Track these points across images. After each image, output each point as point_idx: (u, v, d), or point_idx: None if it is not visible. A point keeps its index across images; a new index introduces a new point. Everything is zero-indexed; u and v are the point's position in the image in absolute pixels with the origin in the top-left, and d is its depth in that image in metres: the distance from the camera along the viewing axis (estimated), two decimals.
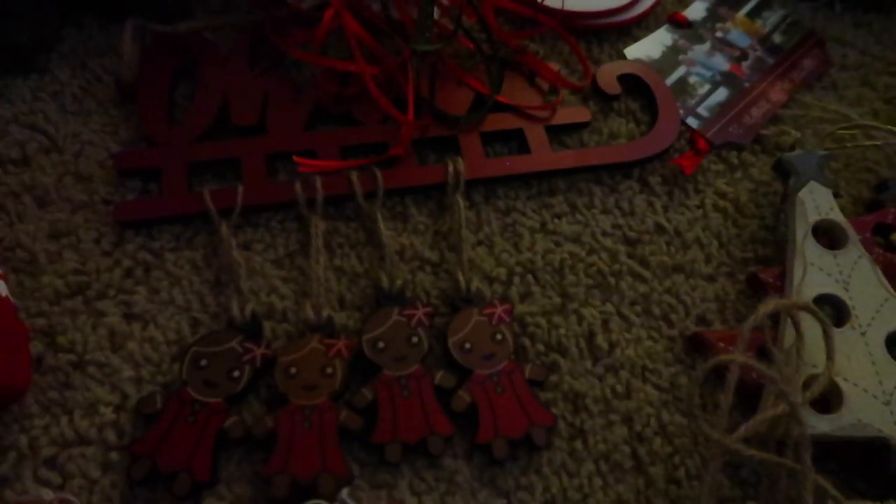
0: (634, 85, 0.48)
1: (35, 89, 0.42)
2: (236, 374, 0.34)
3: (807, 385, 0.35)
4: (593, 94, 0.47)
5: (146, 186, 0.39)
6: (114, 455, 0.32)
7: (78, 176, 0.39)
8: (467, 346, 0.36)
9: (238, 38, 0.44)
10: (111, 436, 0.33)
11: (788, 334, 0.37)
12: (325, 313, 0.36)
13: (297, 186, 0.39)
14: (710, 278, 0.41)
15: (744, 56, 0.51)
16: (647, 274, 0.41)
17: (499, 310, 0.37)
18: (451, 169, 0.41)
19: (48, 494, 0.31)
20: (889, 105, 0.51)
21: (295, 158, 0.39)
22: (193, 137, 0.40)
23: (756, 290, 0.41)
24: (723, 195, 0.45)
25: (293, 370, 0.34)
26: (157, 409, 0.33)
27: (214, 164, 0.40)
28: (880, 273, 0.39)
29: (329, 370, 0.34)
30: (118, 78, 0.42)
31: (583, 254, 0.41)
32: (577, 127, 0.45)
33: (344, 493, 0.31)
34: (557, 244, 0.41)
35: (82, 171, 0.39)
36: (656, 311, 0.40)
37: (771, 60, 0.51)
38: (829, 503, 0.32)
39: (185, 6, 0.45)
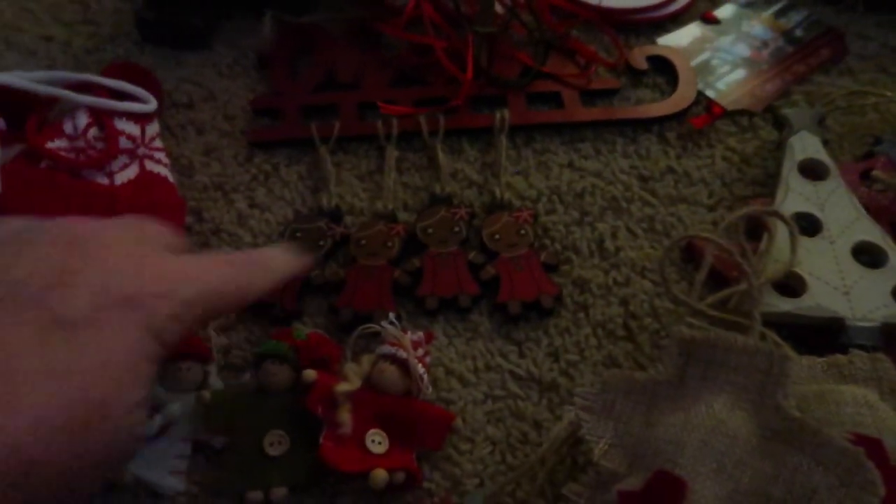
0: (662, 66, 0.58)
1: (201, 60, 0.58)
2: (321, 243, 0.46)
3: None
4: (625, 71, 0.57)
5: (272, 123, 0.54)
6: None
7: (226, 115, 0.54)
8: (497, 236, 0.46)
9: (347, 26, 0.59)
10: None
11: (765, 238, 0.44)
12: (390, 207, 0.48)
13: (379, 124, 0.52)
14: (711, 208, 0.49)
15: (765, 45, 0.60)
16: (654, 201, 0.50)
17: (524, 214, 0.47)
18: (498, 116, 0.52)
19: None
20: None
21: (379, 103, 0.52)
22: (307, 90, 0.54)
23: None
24: (732, 149, 0.53)
25: (363, 242, 0.46)
26: None
27: (321, 108, 0.54)
28: (855, 199, 0.46)
29: (389, 244, 0.46)
30: (258, 52, 0.57)
31: (601, 184, 0.50)
32: (608, 93, 0.56)
33: (391, 316, 0.41)
34: (581, 176, 0.51)
35: (229, 112, 0.54)
36: (659, 227, 0.48)
37: (790, 49, 0.59)
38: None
39: (311, 4, 0.60)
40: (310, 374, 0.38)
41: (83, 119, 0.47)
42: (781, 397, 0.32)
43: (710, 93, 0.56)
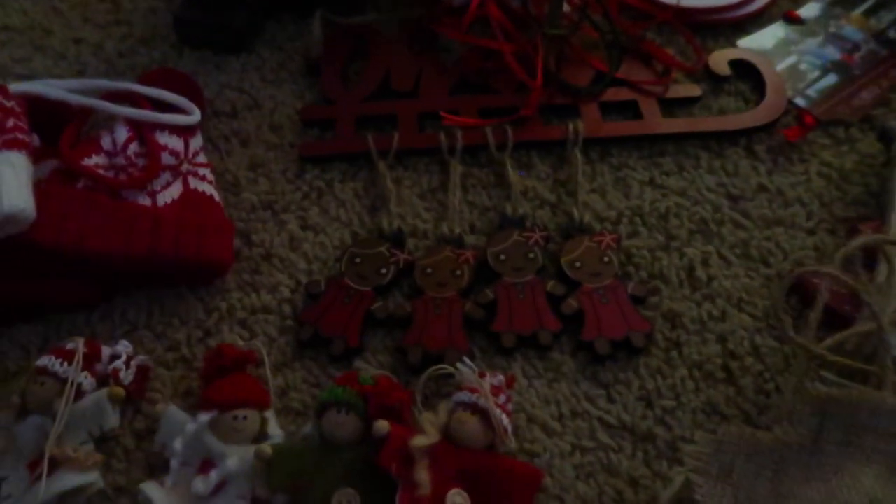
0: (746, 71, 0.53)
1: (244, 64, 0.53)
2: (383, 271, 0.42)
3: None
4: (705, 76, 0.52)
5: (322, 134, 0.49)
6: (288, 322, 0.41)
7: (272, 125, 0.50)
8: (577, 264, 0.42)
9: (401, 27, 0.54)
10: (287, 308, 0.41)
11: (883, 270, 0.39)
12: (457, 230, 0.43)
13: (442, 135, 0.47)
14: (810, 231, 0.45)
15: (856, 48, 0.54)
16: (747, 223, 0.45)
17: (607, 238, 0.43)
18: (571, 127, 0.47)
19: (240, 342, 0.39)
20: None
21: (441, 113, 0.48)
22: (362, 98, 0.50)
23: None
24: (828, 164, 0.48)
25: (429, 270, 0.42)
26: (320, 290, 0.41)
27: (377, 118, 0.49)
28: None
29: (458, 272, 0.41)
30: (307, 55, 0.53)
31: (687, 204, 0.46)
32: (688, 102, 0.51)
33: (464, 359, 0.37)
34: (664, 195, 0.46)
35: (275, 122, 0.50)
36: (755, 254, 0.44)
37: (884, 52, 0.54)
38: None
39: (360, 4, 0.55)
40: (382, 425, 0.34)
41: (123, 133, 0.43)
42: None
43: (799, 101, 0.51)
